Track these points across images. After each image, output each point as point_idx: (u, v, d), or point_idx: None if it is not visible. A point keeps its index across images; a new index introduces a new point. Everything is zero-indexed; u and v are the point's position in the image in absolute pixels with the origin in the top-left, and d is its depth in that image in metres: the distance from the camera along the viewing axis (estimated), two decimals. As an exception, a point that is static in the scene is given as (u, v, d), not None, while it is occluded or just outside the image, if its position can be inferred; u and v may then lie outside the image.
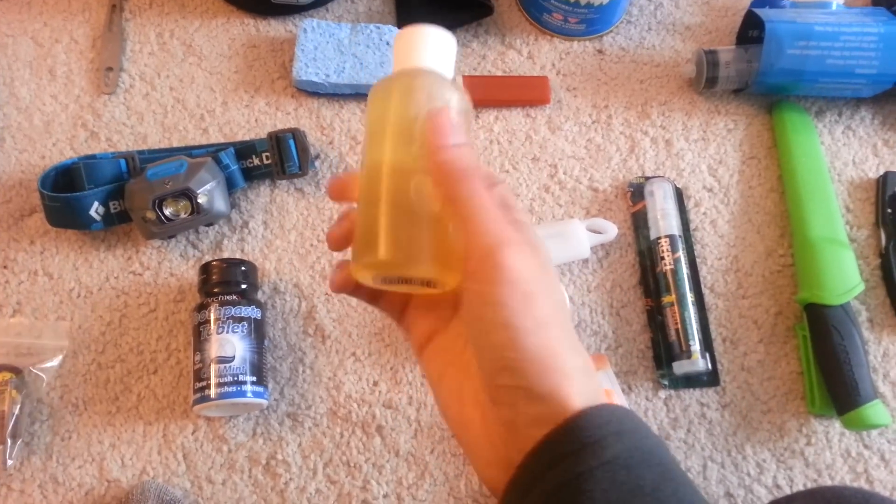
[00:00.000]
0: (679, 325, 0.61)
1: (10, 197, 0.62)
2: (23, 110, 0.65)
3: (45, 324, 0.58)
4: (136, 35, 0.69)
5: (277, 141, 0.62)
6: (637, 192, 0.67)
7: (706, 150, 0.69)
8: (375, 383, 0.59)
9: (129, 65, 0.68)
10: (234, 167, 0.61)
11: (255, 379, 0.54)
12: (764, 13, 0.66)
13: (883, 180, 0.68)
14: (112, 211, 0.59)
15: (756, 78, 0.67)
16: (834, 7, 0.69)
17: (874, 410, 0.59)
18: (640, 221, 0.66)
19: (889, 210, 0.67)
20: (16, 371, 0.54)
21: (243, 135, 0.65)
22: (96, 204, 0.58)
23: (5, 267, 0.60)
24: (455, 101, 0.38)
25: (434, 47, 0.39)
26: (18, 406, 0.53)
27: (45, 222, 0.60)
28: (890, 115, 0.71)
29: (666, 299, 0.62)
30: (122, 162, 0.60)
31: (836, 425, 0.61)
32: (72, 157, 0.62)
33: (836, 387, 0.60)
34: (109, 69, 0.66)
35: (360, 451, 0.57)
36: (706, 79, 0.69)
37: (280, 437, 0.57)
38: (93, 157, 0.60)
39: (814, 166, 0.68)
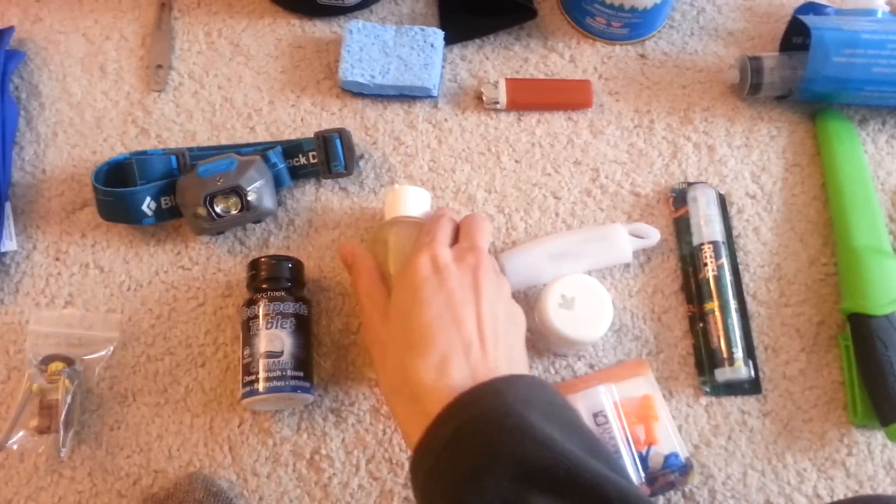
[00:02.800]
0: (722, 332, 0.61)
1: (63, 191, 0.64)
2: (74, 106, 0.67)
3: (97, 315, 0.59)
4: (185, 34, 0.70)
5: (324, 140, 0.63)
6: (679, 197, 0.67)
7: (749, 156, 0.69)
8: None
9: (178, 63, 0.69)
10: (282, 166, 0.62)
11: (301, 374, 0.54)
12: (810, 20, 0.66)
13: (928, 190, 0.67)
14: (163, 206, 0.60)
15: (800, 85, 0.66)
16: (879, 14, 0.69)
17: (918, 421, 0.58)
18: (682, 227, 0.66)
19: (934, 220, 0.66)
20: (68, 361, 0.55)
21: (289, 134, 0.66)
22: (148, 199, 0.59)
23: (58, 259, 0.61)
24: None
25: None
26: (71, 395, 0.54)
27: (97, 216, 0.61)
28: (935, 125, 0.70)
29: (708, 306, 0.62)
30: (173, 158, 0.61)
31: (879, 436, 0.61)
32: (123, 152, 0.63)
33: (880, 397, 0.59)
34: (159, 67, 0.67)
35: (403, 448, 0.58)
36: (750, 85, 0.69)
37: (324, 432, 0.58)
38: (144, 153, 0.62)
39: (857, 175, 0.68)
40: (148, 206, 0.59)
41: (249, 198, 0.58)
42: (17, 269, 0.61)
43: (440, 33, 0.69)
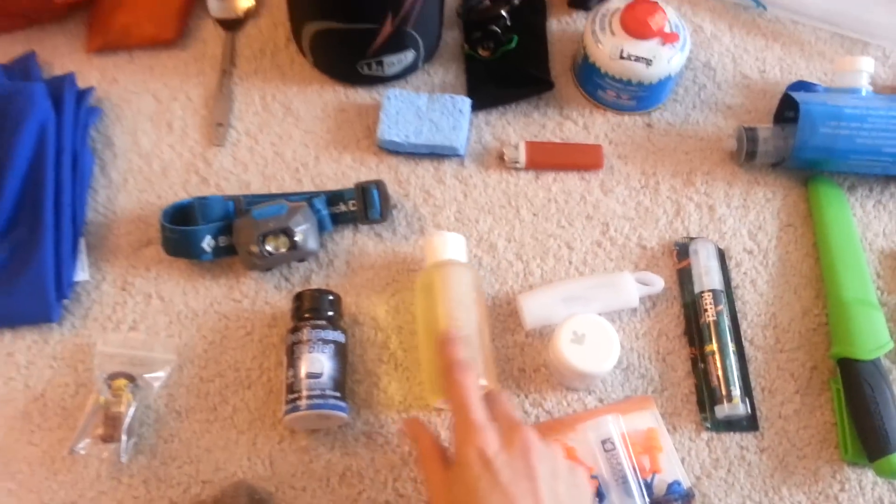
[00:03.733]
0: (721, 372, 0.67)
1: (131, 230, 0.71)
2: (143, 156, 0.75)
3: (157, 339, 0.65)
4: (243, 97, 0.78)
5: (363, 190, 0.70)
6: (682, 250, 0.73)
7: (746, 216, 0.76)
8: (440, 411, 0.65)
9: (237, 122, 0.77)
10: (325, 212, 0.69)
11: (339, 395, 0.60)
12: (799, 96, 0.73)
13: (911, 250, 0.73)
14: (220, 245, 0.67)
15: (792, 153, 0.73)
16: (864, 93, 0.77)
17: (904, 457, 0.63)
18: (685, 277, 0.72)
19: (917, 277, 0.72)
20: (131, 378, 0.61)
21: (332, 185, 0.74)
22: (208, 238, 0.66)
23: (124, 289, 0.68)
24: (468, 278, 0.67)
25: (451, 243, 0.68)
26: (132, 409, 0.60)
27: (161, 252, 0.68)
28: (918, 192, 0.77)
29: (708, 348, 0.68)
30: (231, 203, 0.68)
31: (870, 474, 0.65)
32: (186, 197, 0.71)
33: (868, 435, 0.64)
34: (220, 125, 0.76)
35: (427, 469, 0.63)
36: (746, 153, 0.76)
37: (355, 451, 0.63)
38: (205, 198, 0.69)
39: (846, 235, 0.74)
40: (207, 243, 0.66)
41: (296, 238, 0.65)
42: (88, 297, 0.68)
43: (468, 101, 0.77)
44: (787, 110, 0.77)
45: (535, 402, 0.66)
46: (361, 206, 0.70)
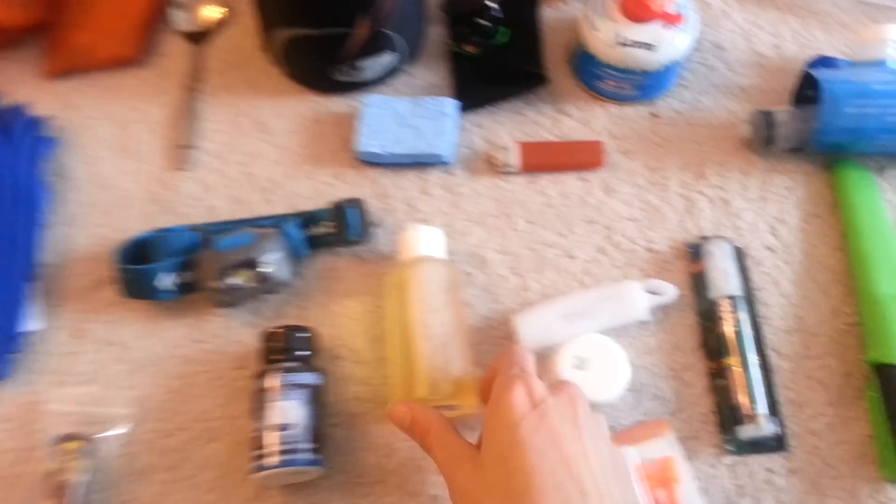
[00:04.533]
0: (743, 388, 0.60)
1: (88, 269, 0.66)
2: (103, 187, 0.70)
3: (113, 392, 0.60)
4: (211, 114, 0.73)
5: (339, 210, 0.65)
6: (695, 252, 0.66)
7: (765, 208, 0.68)
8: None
9: (204, 142, 0.72)
10: (299, 236, 0.64)
11: (313, 447, 0.55)
12: (820, 73, 0.66)
13: (952, 237, 0.66)
14: (184, 281, 0.62)
15: (814, 137, 0.66)
16: (891, 65, 0.69)
17: (955, 477, 0.56)
18: (699, 282, 0.65)
19: (960, 267, 0.65)
20: (84, 439, 0.56)
21: (308, 205, 0.68)
22: (168, 275, 0.61)
23: (79, 337, 0.63)
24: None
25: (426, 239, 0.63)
26: (84, 475, 0.55)
27: (118, 293, 0.63)
28: (956, 171, 0.69)
29: (728, 361, 0.61)
30: (197, 234, 0.63)
31: (914, 494, 0.58)
32: (147, 230, 0.66)
33: (913, 452, 0.57)
34: (184, 146, 0.71)
35: (415, 520, 0.57)
36: (763, 139, 0.69)
37: None
38: (166, 230, 0.64)
39: (877, 223, 0.67)
40: (168, 281, 0.61)
41: (263, 269, 0.60)
42: (41, 347, 0.63)
43: (453, 102, 0.71)
44: (808, 89, 0.70)
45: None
46: (338, 227, 0.65)
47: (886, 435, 0.59)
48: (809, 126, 0.67)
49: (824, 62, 0.72)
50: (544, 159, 0.71)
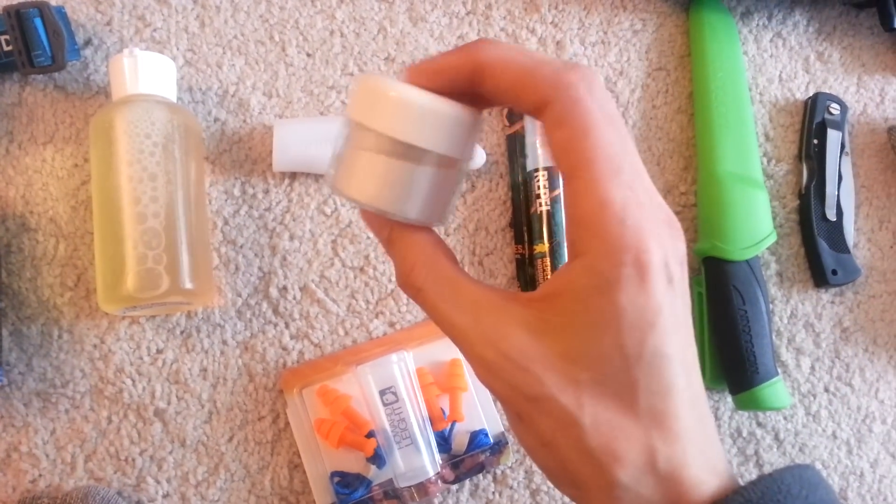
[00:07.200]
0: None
1: None
2: None
3: None
4: None
5: (18, 19, 0.45)
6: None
7: (605, 56, 0.55)
8: (159, 351, 0.46)
9: None
10: (-38, 56, 0.44)
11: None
12: None
13: (812, 103, 0.56)
14: None
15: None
16: None
17: (773, 390, 0.49)
18: (515, 146, 0.52)
19: (815, 141, 0.55)
20: None
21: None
22: None
23: None
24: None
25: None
26: None
27: None
28: (827, 23, 0.58)
29: (539, 248, 0.50)
30: None
31: (729, 400, 0.52)
32: None
33: (732, 361, 0.50)
34: None
35: (134, 440, 0.45)
36: (612, -37, 0.54)
37: (26, 422, 0.44)
38: None
39: (732, 82, 0.55)
40: None
41: None
42: None
43: None
44: None
45: (301, 332, 0.48)
46: (21, 45, 0.45)
47: (707, 337, 0.51)
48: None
49: None
50: (334, -33, 0.53)
